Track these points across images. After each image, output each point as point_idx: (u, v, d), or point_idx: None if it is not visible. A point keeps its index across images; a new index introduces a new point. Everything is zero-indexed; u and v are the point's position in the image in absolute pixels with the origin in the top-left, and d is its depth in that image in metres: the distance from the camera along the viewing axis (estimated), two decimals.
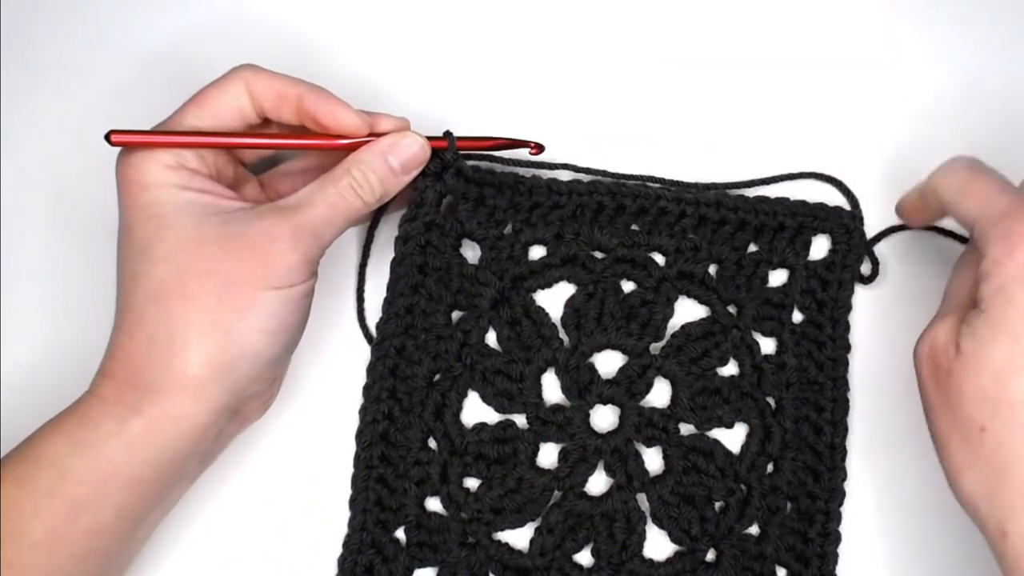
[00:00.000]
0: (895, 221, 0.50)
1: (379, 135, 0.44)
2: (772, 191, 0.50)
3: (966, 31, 0.53)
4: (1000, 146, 0.52)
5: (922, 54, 0.53)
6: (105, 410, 0.40)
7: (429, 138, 0.46)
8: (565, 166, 0.49)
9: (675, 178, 0.50)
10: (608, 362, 0.49)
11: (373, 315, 0.49)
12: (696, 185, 0.50)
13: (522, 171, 0.49)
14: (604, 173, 0.49)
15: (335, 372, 0.49)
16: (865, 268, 0.50)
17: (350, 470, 0.47)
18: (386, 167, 0.44)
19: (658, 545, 0.47)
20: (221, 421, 0.42)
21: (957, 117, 0.52)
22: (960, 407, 0.36)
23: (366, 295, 0.50)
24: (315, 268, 0.43)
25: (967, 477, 0.36)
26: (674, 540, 0.47)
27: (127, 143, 0.41)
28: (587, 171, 0.49)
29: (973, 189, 0.39)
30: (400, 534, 0.47)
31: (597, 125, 0.52)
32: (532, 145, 0.48)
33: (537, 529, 0.47)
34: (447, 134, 0.46)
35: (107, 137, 0.41)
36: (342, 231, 0.44)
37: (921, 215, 0.45)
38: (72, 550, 0.39)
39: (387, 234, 0.48)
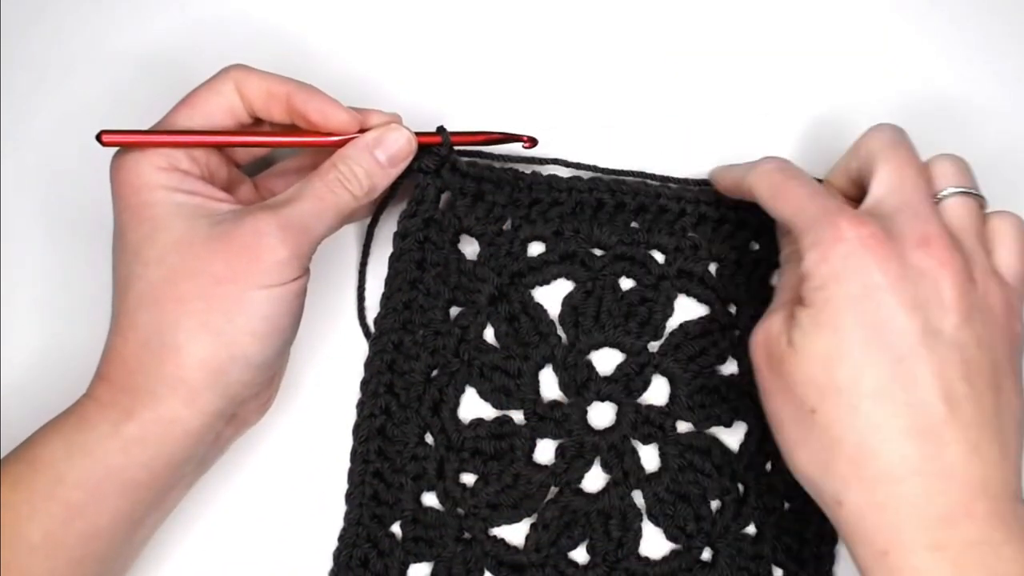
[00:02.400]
0: None
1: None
2: None
3: (963, 29, 0.53)
4: (998, 142, 0.52)
5: (920, 52, 0.52)
6: (100, 413, 0.40)
7: (422, 134, 0.45)
8: (555, 161, 0.49)
9: (668, 172, 0.49)
10: (606, 359, 0.49)
11: (374, 313, 0.49)
12: (690, 180, 0.49)
13: (522, 167, 0.49)
14: (595, 168, 0.49)
15: (335, 369, 0.49)
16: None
17: (347, 465, 0.47)
18: (372, 160, 0.44)
19: (654, 543, 0.47)
20: (217, 425, 0.41)
21: (954, 115, 0.52)
22: (792, 391, 0.39)
23: (366, 293, 0.49)
24: (306, 264, 0.42)
25: (801, 454, 0.39)
26: (670, 538, 0.47)
27: (118, 143, 0.42)
28: (576, 166, 0.49)
29: (784, 194, 0.42)
30: (396, 529, 0.47)
31: (590, 118, 0.52)
32: (525, 139, 0.48)
33: (532, 525, 0.47)
34: (440, 129, 0.46)
35: (98, 137, 0.41)
36: (333, 227, 0.43)
37: (734, 195, 0.47)
38: (69, 554, 0.39)
39: (388, 231, 0.48)
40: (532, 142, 0.48)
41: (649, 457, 0.48)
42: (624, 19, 0.53)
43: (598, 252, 0.49)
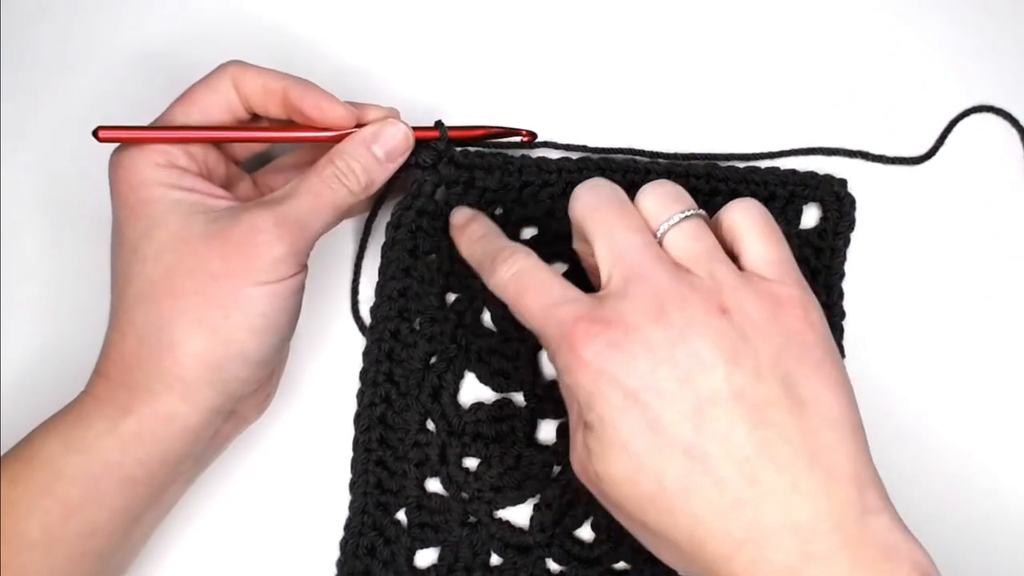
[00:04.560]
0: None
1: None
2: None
3: (963, 32, 0.53)
4: (996, 140, 0.52)
5: (915, 48, 0.53)
6: (98, 410, 0.40)
7: (420, 129, 0.45)
8: (544, 143, 0.49)
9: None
10: None
11: (369, 308, 0.49)
12: (679, 155, 0.49)
13: (511, 151, 0.49)
14: (583, 148, 0.49)
15: (333, 363, 0.49)
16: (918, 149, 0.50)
17: (349, 456, 0.48)
18: (370, 156, 0.44)
19: None
20: (215, 422, 0.42)
21: (951, 112, 0.52)
22: (621, 511, 0.38)
23: (364, 288, 0.50)
24: (303, 261, 0.42)
25: (662, 555, 0.38)
26: None
27: (114, 139, 0.42)
28: (565, 147, 0.49)
29: (523, 308, 0.39)
30: (401, 516, 0.47)
31: (588, 110, 0.52)
32: (524, 133, 0.48)
33: (536, 506, 0.47)
34: (438, 124, 0.46)
35: (95, 133, 0.42)
36: (331, 222, 0.43)
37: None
38: (67, 551, 0.39)
39: (384, 227, 0.48)
40: (531, 136, 0.48)
41: None
42: (620, 9, 0.53)
43: None
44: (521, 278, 0.39)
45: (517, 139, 0.48)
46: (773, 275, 0.38)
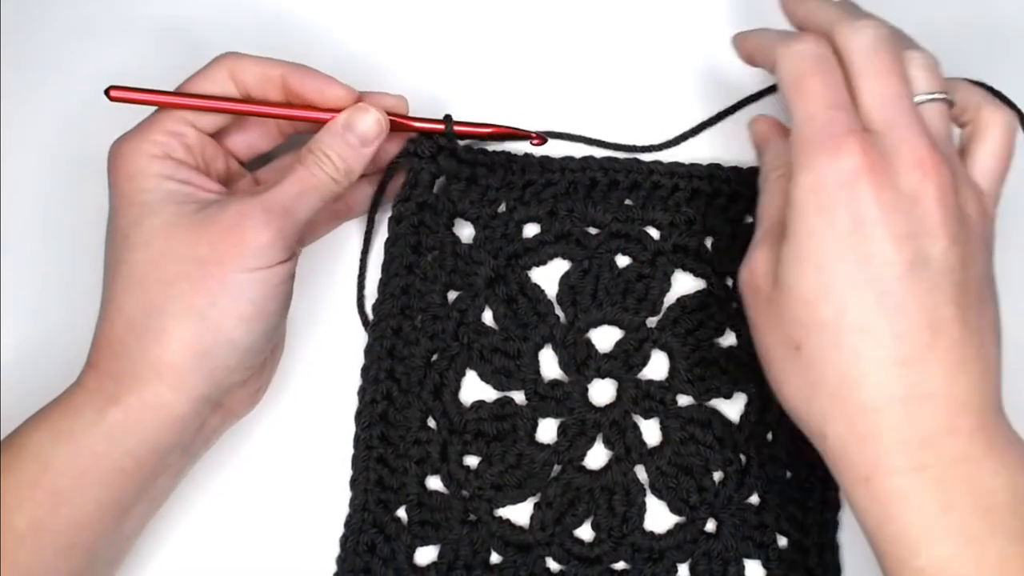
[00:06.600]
0: None
1: None
2: None
3: (963, 32, 0.53)
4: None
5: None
6: (87, 400, 0.40)
7: (428, 121, 0.46)
8: (549, 134, 0.49)
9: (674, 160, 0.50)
10: (605, 337, 0.49)
11: (371, 304, 0.49)
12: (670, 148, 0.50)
13: (514, 149, 0.49)
14: (588, 140, 0.49)
15: (333, 359, 0.49)
16: None
17: (347, 454, 0.47)
18: (343, 142, 0.44)
19: (659, 517, 0.47)
20: (203, 412, 0.41)
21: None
22: (779, 328, 0.39)
23: (369, 284, 0.49)
24: (291, 248, 0.42)
25: (787, 388, 0.39)
26: (674, 511, 0.47)
27: (125, 99, 0.43)
28: (569, 137, 0.49)
29: (804, 89, 0.39)
30: (401, 513, 0.47)
31: (590, 111, 0.52)
32: (534, 136, 0.48)
33: (537, 504, 0.47)
34: (447, 118, 0.46)
35: (107, 92, 0.42)
36: (316, 208, 0.43)
37: (751, 62, 0.45)
38: (55, 543, 0.39)
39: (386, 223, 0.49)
40: (542, 140, 0.48)
41: (650, 432, 0.48)
42: (629, 10, 0.53)
43: (593, 231, 0.49)
44: (824, 63, 0.39)
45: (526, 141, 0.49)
46: (989, 186, 0.40)
